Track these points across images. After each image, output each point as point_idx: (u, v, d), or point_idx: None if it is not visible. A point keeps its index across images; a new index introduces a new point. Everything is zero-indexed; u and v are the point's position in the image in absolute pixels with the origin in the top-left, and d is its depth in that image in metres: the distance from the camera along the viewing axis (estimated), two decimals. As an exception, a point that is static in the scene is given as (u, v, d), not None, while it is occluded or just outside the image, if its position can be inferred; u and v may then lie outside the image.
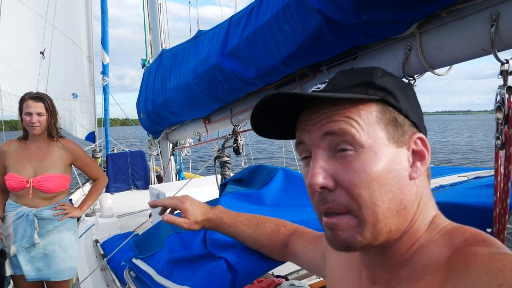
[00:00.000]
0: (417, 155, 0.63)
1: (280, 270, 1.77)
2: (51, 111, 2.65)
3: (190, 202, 1.24)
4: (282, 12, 1.42)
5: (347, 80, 0.65)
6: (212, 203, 1.69)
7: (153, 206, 1.30)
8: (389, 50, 1.33)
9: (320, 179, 0.60)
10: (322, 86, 0.67)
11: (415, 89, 1.32)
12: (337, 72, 0.70)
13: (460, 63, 1.20)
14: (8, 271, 2.61)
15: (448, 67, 1.26)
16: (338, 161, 0.61)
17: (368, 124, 0.61)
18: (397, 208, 0.61)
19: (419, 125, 0.65)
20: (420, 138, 0.64)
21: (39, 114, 2.56)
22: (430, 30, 1.18)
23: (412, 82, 1.31)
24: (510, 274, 0.48)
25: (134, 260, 1.64)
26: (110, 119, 7.27)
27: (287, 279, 2.01)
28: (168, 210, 1.27)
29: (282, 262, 1.25)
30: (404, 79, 1.32)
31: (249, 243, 1.23)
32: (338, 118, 0.61)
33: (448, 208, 1.66)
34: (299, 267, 1.73)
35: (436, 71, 1.25)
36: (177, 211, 1.26)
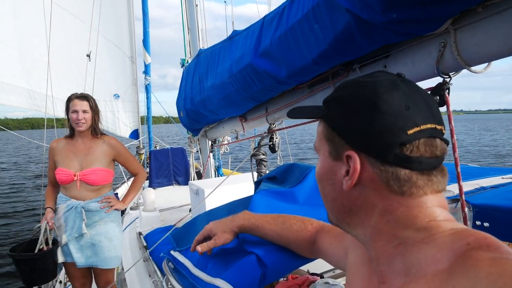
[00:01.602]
0: (346, 170, 0.70)
1: (315, 268, 1.78)
2: (95, 109, 2.82)
3: (212, 223, 1.35)
4: (312, 12, 1.42)
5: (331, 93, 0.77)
6: (246, 200, 1.73)
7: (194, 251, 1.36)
8: (423, 48, 1.31)
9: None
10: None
11: (451, 87, 1.29)
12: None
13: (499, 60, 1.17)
14: (60, 258, 2.79)
15: (486, 64, 1.22)
16: None
17: (319, 137, 0.76)
18: (342, 209, 0.74)
19: (356, 142, 0.68)
20: (347, 156, 0.69)
21: (84, 111, 2.73)
22: (466, 26, 1.14)
23: (447, 80, 1.28)
24: (510, 279, 0.48)
25: (172, 252, 1.71)
26: (154, 117, 7.51)
27: (322, 277, 2.02)
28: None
29: (312, 259, 1.27)
30: (438, 77, 1.29)
31: (277, 241, 1.26)
32: (317, 130, 0.78)
33: (488, 211, 1.61)
34: (341, 270, 1.74)
35: (473, 68, 1.21)
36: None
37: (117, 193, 4.98)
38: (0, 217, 10.66)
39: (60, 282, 4.07)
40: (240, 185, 2.86)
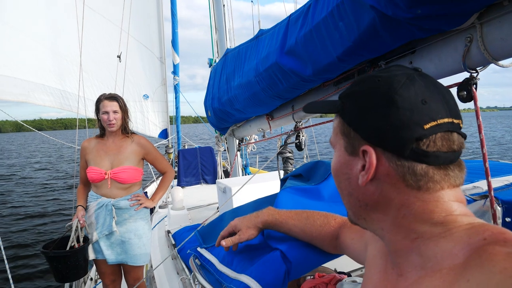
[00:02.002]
0: (363, 165, 0.70)
1: (342, 267, 1.77)
2: (124, 109, 2.89)
3: (237, 219, 1.39)
4: (336, 10, 1.43)
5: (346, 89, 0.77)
6: (272, 197, 1.75)
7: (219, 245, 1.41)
8: (449, 43, 1.29)
9: None
10: None
11: (479, 82, 1.27)
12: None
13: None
14: (91, 255, 2.87)
15: (514, 58, 1.19)
16: None
17: (335, 132, 0.77)
18: (358, 204, 0.74)
19: (372, 137, 0.68)
20: (363, 151, 0.69)
21: (115, 112, 2.81)
22: (492, 20, 1.12)
23: (474, 75, 1.26)
24: None
25: (199, 249, 1.74)
26: (183, 117, 7.64)
27: (349, 276, 2.01)
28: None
29: (336, 256, 1.28)
30: (465, 72, 1.27)
31: (300, 237, 1.28)
32: (333, 125, 0.79)
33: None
34: (362, 265, 1.73)
35: (500, 62, 1.19)
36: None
37: (146, 192, 5.07)
38: (33, 216, 11.00)
39: (91, 279, 4.18)
40: (267, 183, 2.88)
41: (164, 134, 7.97)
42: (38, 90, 5.80)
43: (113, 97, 2.87)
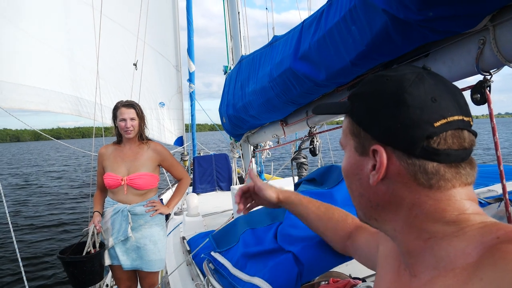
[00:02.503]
0: (373, 165, 0.70)
1: (357, 272, 1.76)
2: (141, 116, 2.93)
3: (263, 183, 1.32)
4: (349, 14, 1.43)
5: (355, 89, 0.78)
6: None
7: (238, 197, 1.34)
8: (462, 46, 1.28)
9: None
10: None
11: (497, 87, 1.26)
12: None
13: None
14: (107, 261, 2.90)
15: (529, 60, 1.18)
16: None
17: (345, 133, 0.77)
18: (369, 204, 0.74)
19: (382, 136, 0.68)
20: (374, 150, 0.69)
21: (132, 119, 2.85)
22: (505, 22, 1.11)
23: (488, 77, 1.25)
24: None
25: (212, 253, 1.76)
26: (199, 124, 7.74)
27: (364, 281, 1.99)
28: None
29: (348, 258, 1.27)
30: (479, 75, 1.26)
31: (315, 224, 1.27)
32: (342, 126, 0.79)
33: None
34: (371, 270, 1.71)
35: (514, 64, 1.19)
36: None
37: (162, 199, 5.12)
38: (49, 226, 11.08)
39: (107, 285, 4.22)
40: None
41: (179, 141, 8.04)
42: (57, 99, 5.92)
43: (130, 104, 2.91)
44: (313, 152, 2.59)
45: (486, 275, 0.54)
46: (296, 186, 2.01)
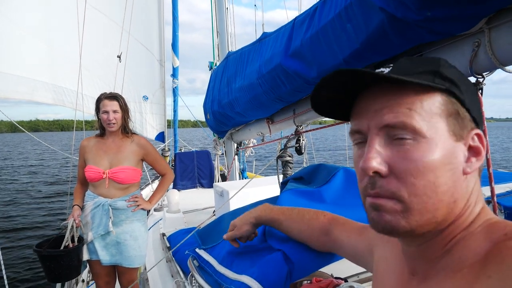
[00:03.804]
0: (473, 151, 0.63)
1: (340, 272, 1.76)
2: (125, 108, 2.87)
3: (237, 218, 1.40)
4: (345, 11, 1.42)
5: (413, 67, 0.65)
6: (273, 200, 1.73)
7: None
8: (456, 47, 1.29)
9: (375, 163, 0.61)
10: (386, 70, 0.70)
11: (484, 88, 1.27)
12: (402, 58, 0.71)
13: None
14: (86, 256, 2.83)
15: (522, 64, 1.20)
16: (396, 148, 0.61)
17: (430, 115, 0.60)
18: (448, 201, 0.61)
19: (478, 121, 0.65)
20: (477, 134, 0.63)
21: (114, 111, 2.78)
22: (501, 25, 1.12)
23: (480, 80, 1.26)
24: None
25: (197, 250, 1.72)
26: (182, 121, 7.66)
27: (346, 281, 1.99)
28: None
29: (338, 258, 1.26)
30: (472, 77, 1.27)
31: (290, 231, 1.28)
32: (400, 109, 0.60)
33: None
34: (360, 270, 1.71)
35: (508, 68, 1.19)
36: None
37: (141, 194, 5.05)
38: (23, 222, 10.68)
39: (83, 280, 4.14)
40: (265, 188, 2.86)
41: (161, 136, 7.95)
42: (42, 88, 5.77)
43: (113, 96, 2.84)
44: (299, 151, 2.58)
45: (494, 272, 0.53)
46: (283, 184, 1.99)
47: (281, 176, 2.71)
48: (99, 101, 2.84)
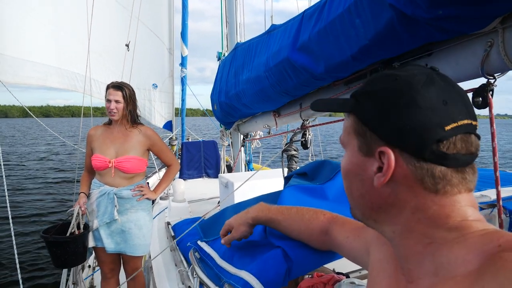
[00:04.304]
0: (378, 166, 0.67)
1: (341, 267, 1.76)
2: (128, 99, 2.85)
3: (232, 218, 1.40)
4: (354, 6, 1.39)
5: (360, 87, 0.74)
6: (276, 194, 1.73)
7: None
8: (468, 47, 1.26)
9: None
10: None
11: (495, 89, 1.24)
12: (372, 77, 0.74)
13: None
14: (91, 243, 2.86)
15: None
16: None
17: (347, 132, 0.74)
18: (369, 206, 0.72)
19: (391, 138, 0.65)
20: (380, 152, 0.66)
21: (116, 101, 2.78)
22: (516, 26, 1.09)
23: (492, 81, 1.23)
24: None
25: (199, 242, 1.73)
26: (192, 109, 7.69)
27: (348, 277, 1.99)
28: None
29: (338, 256, 1.25)
30: (483, 78, 1.24)
31: (289, 231, 1.28)
32: (344, 124, 0.76)
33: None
34: (357, 264, 1.71)
35: (521, 69, 1.17)
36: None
37: (148, 183, 5.06)
38: (34, 208, 10.74)
39: (89, 266, 4.19)
40: (270, 180, 2.86)
41: (168, 125, 7.97)
42: (56, 74, 5.80)
43: (118, 86, 2.84)
44: (304, 145, 2.56)
45: (488, 283, 0.53)
46: (287, 179, 1.98)
47: (286, 170, 2.70)
48: (106, 89, 2.86)
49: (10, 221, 3.20)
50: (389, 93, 0.66)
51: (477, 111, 1.32)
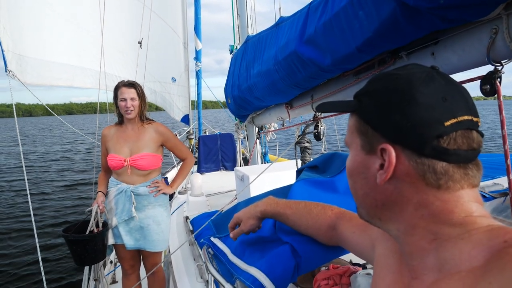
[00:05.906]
0: (380, 164, 0.69)
1: (358, 259, 1.76)
2: (142, 96, 2.89)
3: (241, 211, 1.42)
4: (357, -2, 1.38)
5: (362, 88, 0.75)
6: (287, 188, 1.73)
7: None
8: (473, 34, 1.23)
9: None
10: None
11: (505, 69, 1.21)
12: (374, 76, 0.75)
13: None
14: (111, 240, 2.92)
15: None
16: None
17: (351, 132, 0.75)
18: (374, 204, 0.73)
19: (392, 135, 0.66)
20: (382, 149, 0.67)
21: (132, 99, 2.81)
22: (520, 11, 1.07)
23: (499, 68, 1.20)
24: None
25: (212, 238, 1.75)
26: (211, 102, 7.71)
27: (364, 268, 1.98)
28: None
29: (345, 251, 1.26)
30: (489, 65, 1.22)
31: (297, 225, 1.29)
32: (348, 124, 0.77)
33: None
34: (364, 260, 1.71)
35: (528, 56, 1.14)
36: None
37: (166, 177, 5.11)
38: (58, 207, 10.94)
39: (111, 262, 4.28)
40: (284, 172, 2.86)
41: (186, 119, 8.03)
42: (81, 74, 5.89)
43: (131, 84, 2.87)
44: (317, 137, 2.56)
45: (495, 279, 0.53)
46: (298, 172, 1.98)
47: (299, 162, 2.70)
48: (117, 88, 2.88)
49: (32, 218, 3.28)
50: (390, 91, 0.67)
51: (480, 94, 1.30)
